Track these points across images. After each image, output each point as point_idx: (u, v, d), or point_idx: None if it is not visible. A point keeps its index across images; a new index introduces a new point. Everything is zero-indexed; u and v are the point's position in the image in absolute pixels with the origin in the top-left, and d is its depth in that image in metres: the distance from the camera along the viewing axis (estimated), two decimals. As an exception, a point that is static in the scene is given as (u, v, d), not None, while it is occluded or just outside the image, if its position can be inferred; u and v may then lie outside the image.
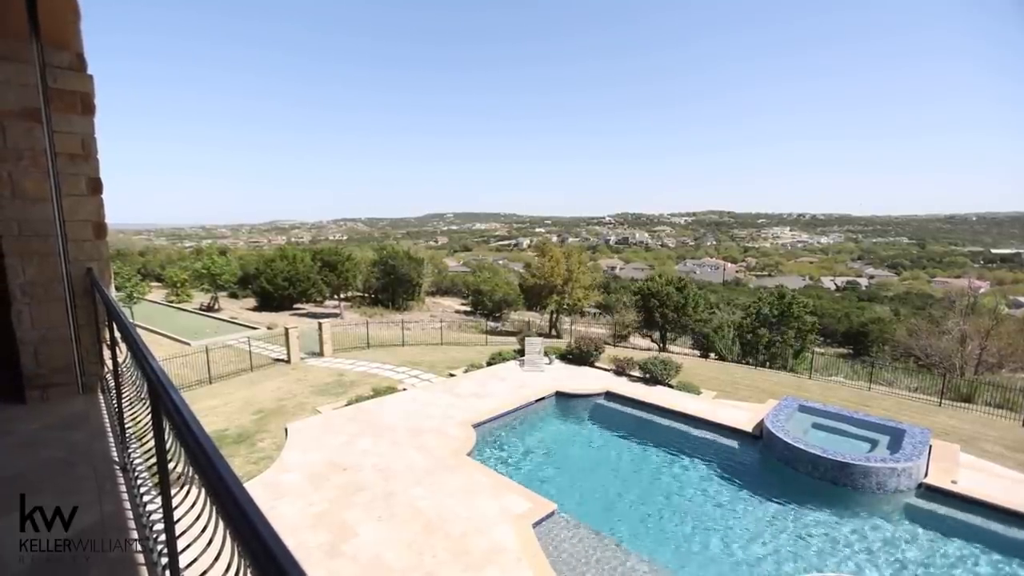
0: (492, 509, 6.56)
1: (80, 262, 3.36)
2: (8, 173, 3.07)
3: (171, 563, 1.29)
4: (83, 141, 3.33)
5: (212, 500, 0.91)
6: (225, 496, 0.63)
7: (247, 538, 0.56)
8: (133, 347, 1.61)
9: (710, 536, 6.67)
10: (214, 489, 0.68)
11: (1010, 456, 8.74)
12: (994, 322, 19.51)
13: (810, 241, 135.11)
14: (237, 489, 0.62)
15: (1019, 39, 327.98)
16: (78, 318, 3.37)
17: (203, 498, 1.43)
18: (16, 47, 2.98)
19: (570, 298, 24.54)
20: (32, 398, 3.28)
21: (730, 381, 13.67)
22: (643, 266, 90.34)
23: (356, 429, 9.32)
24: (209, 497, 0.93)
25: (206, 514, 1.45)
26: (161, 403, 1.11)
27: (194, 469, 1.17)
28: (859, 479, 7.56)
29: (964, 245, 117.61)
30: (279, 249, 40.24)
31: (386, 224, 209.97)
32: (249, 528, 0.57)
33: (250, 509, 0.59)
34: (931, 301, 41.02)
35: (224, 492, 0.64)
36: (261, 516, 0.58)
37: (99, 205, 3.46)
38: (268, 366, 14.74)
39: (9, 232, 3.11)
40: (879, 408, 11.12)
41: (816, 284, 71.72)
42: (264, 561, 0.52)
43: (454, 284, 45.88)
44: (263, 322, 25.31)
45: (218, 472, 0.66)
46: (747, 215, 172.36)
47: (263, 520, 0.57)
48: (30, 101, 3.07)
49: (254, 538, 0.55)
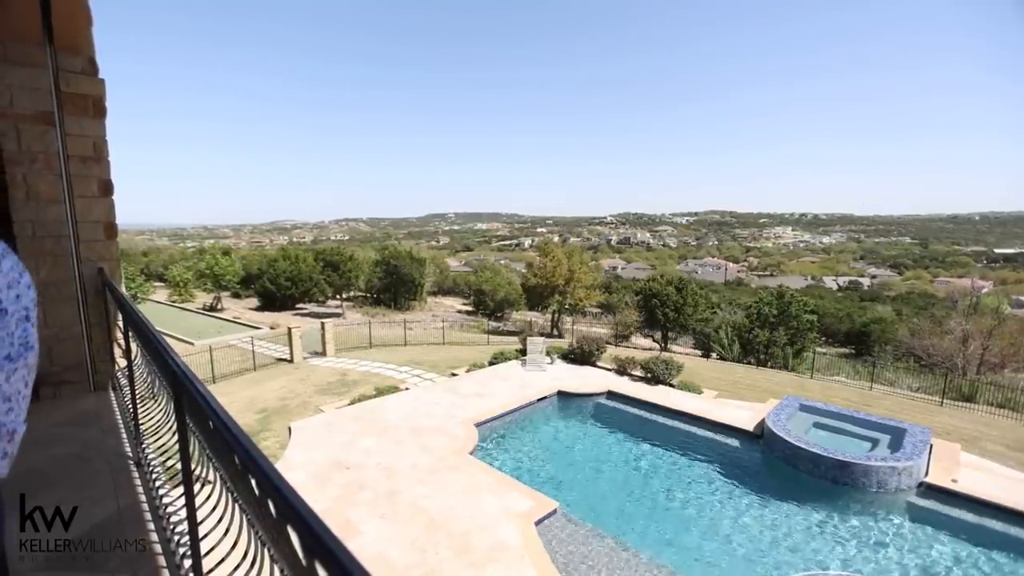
0: (494, 507, 6.61)
1: (92, 262, 3.43)
2: (23, 175, 3.14)
3: (193, 554, 1.34)
4: (95, 144, 3.40)
5: (242, 495, 0.94)
6: (271, 492, 0.65)
7: (306, 538, 0.56)
8: (151, 344, 1.67)
9: (711, 534, 6.70)
10: (259, 485, 0.69)
11: (1011, 455, 8.75)
12: (996, 322, 19.46)
13: (812, 241, 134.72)
14: (283, 485, 0.65)
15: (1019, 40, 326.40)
16: (90, 317, 3.44)
17: (223, 492, 1.48)
18: (31, 52, 3.05)
19: (572, 298, 24.58)
20: (45, 395, 3.35)
21: (731, 381, 13.69)
22: (645, 266, 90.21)
23: (359, 428, 9.38)
24: (239, 493, 0.96)
25: (222, 506, 1.51)
26: (186, 397, 1.16)
27: (219, 464, 1.20)
28: (860, 478, 7.58)
29: (967, 245, 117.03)
30: (281, 249, 40.37)
31: (388, 224, 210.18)
32: (305, 528, 0.56)
33: (300, 505, 0.62)
34: (933, 301, 40.90)
35: (271, 489, 0.65)
36: (316, 516, 0.59)
37: (110, 206, 3.53)
38: (271, 365, 14.82)
39: (24, 233, 3.18)
40: (880, 408, 11.13)
41: (818, 284, 71.51)
42: (326, 559, 0.53)
43: (456, 284, 45.95)
44: (266, 322, 25.42)
45: (262, 468, 0.69)
46: (749, 215, 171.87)
47: (318, 520, 0.58)
48: (44, 105, 3.14)
49: (308, 535, 0.55)
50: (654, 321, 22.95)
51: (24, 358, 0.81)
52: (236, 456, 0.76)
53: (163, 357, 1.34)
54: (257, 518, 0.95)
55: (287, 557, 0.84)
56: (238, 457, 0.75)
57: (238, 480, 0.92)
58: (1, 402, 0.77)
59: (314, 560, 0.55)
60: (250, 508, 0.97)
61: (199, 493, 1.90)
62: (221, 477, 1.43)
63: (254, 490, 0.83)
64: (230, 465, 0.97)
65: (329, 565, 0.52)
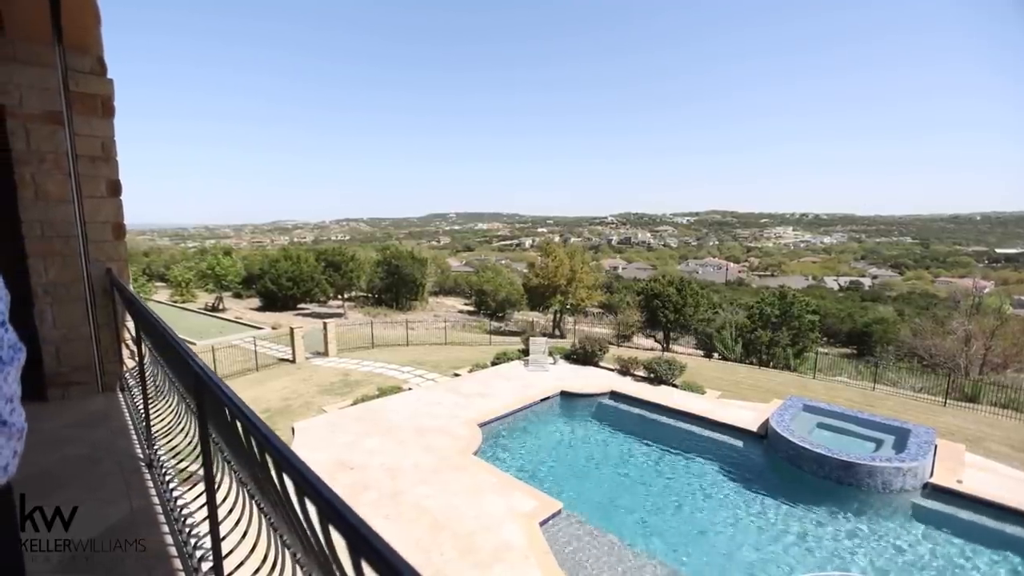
0: (499, 508, 6.60)
1: (100, 262, 3.43)
2: (31, 175, 3.14)
3: (215, 556, 1.33)
4: (103, 144, 3.40)
5: (270, 497, 0.93)
6: (312, 493, 0.63)
7: (352, 538, 0.55)
8: (167, 344, 1.66)
9: (715, 534, 6.69)
10: (296, 486, 0.67)
11: (1016, 456, 8.73)
12: (999, 322, 19.42)
13: (813, 241, 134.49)
14: (323, 486, 0.64)
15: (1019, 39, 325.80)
16: (98, 317, 3.43)
17: (239, 494, 1.47)
18: (40, 52, 3.05)
19: (574, 298, 24.56)
20: (53, 396, 3.34)
21: (734, 381, 13.67)
22: (646, 266, 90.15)
23: (362, 428, 9.38)
24: (266, 495, 0.94)
25: (239, 509, 1.50)
26: (208, 398, 1.15)
27: (239, 465, 1.19)
28: (864, 478, 7.56)
29: (968, 245, 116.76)
30: (283, 249, 40.38)
31: (388, 224, 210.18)
32: (350, 528, 0.56)
33: (340, 504, 0.61)
34: (935, 301, 40.83)
35: (312, 491, 0.64)
36: (359, 517, 0.58)
37: (118, 206, 3.52)
38: (273, 366, 14.82)
39: (32, 233, 3.17)
40: (884, 408, 11.11)
41: (819, 284, 71.40)
42: (372, 557, 0.53)
43: (457, 284, 45.95)
44: (267, 322, 25.43)
45: (300, 471, 0.67)
46: (750, 215, 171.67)
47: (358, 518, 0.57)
48: (53, 105, 3.14)
49: (355, 535, 0.55)
50: (656, 321, 22.92)
51: (18, 360, 0.82)
52: (269, 457, 0.75)
53: (182, 357, 1.33)
54: (285, 520, 0.94)
55: (318, 557, 0.83)
56: (271, 458, 0.74)
57: (267, 482, 0.91)
58: (4, 403, 0.78)
59: (360, 559, 0.55)
60: (277, 510, 0.96)
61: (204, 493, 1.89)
62: (240, 480, 1.42)
63: (286, 491, 0.82)
64: (256, 467, 0.96)
65: (377, 564, 0.53)
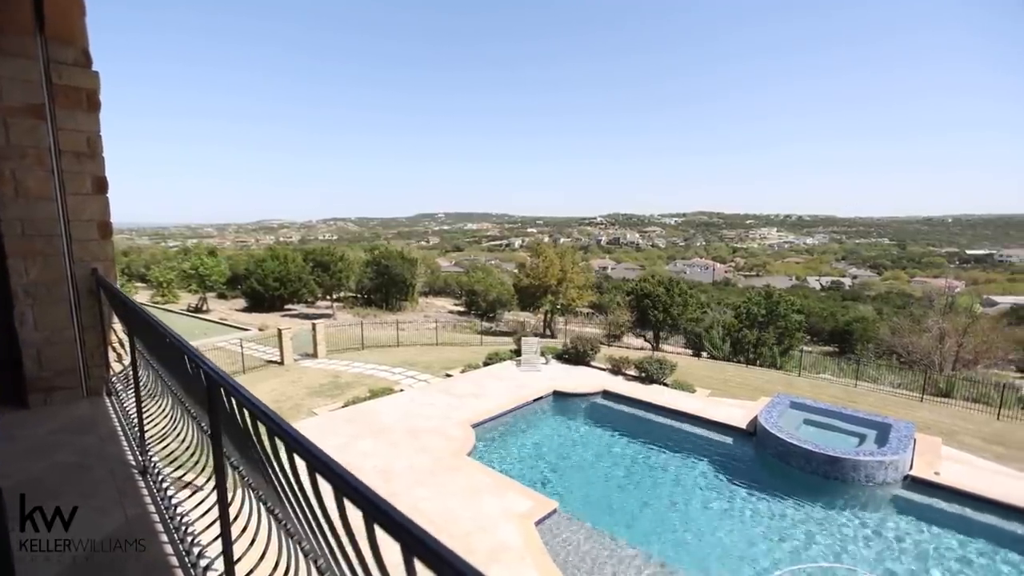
0: (494, 508, 6.59)
1: (85, 262, 3.30)
2: (11, 171, 3.00)
3: (226, 561, 1.30)
4: (88, 139, 3.27)
5: (295, 501, 0.90)
6: (351, 493, 0.62)
7: (404, 538, 0.55)
8: (165, 344, 1.61)
9: (707, 530, 6.80)
10: (335, 486, 0.66)
11: (987, 448, 9.11)
12: (970, 320, 20.24)
13: (796, 242, 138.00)
14: (362, 485, 0.63)
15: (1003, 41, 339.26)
16: (83, 319, 3.31)
17: (245, 498, 1.44)
18: (21, 42, 2.92)
19: (564, 298, 24.69)
20: (35, 402, 3.21)
21: (722, 379, 13.93)
22: (634, 266, 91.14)
23: (354, 431, 9.25)
24: (295, 499, 0.91)
25: (244, 515, 1.46)
26: (220, 399, 1.11)
27: (249, 470, 1.15)
28: (849, 472, 7.80)
29: (941, 246, 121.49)
30: (269, 249, 39.54)
31: (376, 224, 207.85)
32: (400, 528, 0.56)
33: (383, 504, 0.60)
34: (911, 300, 42.27)
35: (351, 491, 0.63)
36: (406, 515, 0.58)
37: (105, 204, 3.40)
38: (261, 368, 14.51)
39: (12, 232, 3.03)
40: (866, 404, 11.46)
41: (802, 284, 73.30)
42: (426, 556, 0.53)
43: (447, 284, 45.69)
44: (254, 323, 24.87)
45: (341, 476, 0.65)
46: (736, 216, 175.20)
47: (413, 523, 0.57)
48: (34, 98, 3.00)
49: (408, 535, 0.55)
50: (646, 321, 23.19)
51: None
52: (305, 460, 0.73)
53: (187, 358, 1.29)
54: (308, 525, 0.92)
55: (349, 561, 0.82)
56: (306, 461, 0.73)
57: (291, 488, 0.89)
58: None
59: (412, 557, 0.55)
60: (301, 516, 0.94)
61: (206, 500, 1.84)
62: (249, 485, 1.39)
63: (320, 496, 0.80)
64: (280, 472, 0.94)
65: (432, 563, 0.53)
